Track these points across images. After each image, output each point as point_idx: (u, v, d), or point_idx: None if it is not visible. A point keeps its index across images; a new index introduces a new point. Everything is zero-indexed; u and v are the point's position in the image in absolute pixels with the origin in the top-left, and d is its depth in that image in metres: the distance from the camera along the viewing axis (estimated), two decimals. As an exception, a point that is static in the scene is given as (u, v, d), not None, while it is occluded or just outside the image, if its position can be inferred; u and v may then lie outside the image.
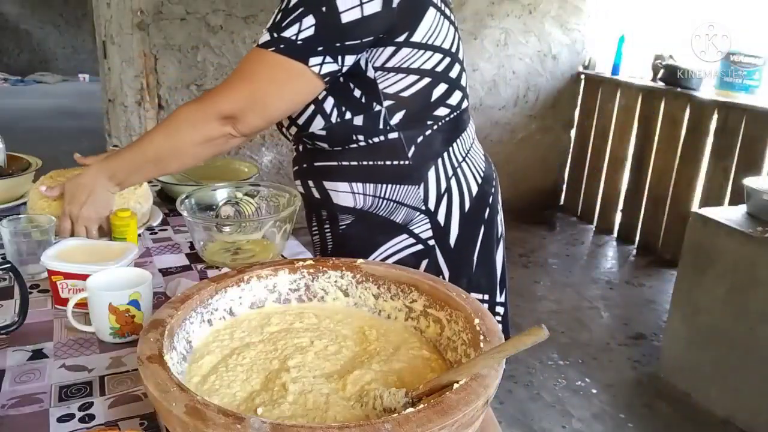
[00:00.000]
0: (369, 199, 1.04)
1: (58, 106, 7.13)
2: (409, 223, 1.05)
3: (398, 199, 1.04)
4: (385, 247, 1.07)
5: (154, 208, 1.34)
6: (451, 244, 1.07)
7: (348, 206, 1.06)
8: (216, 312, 0.78)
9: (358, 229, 1.07)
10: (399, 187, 1.04)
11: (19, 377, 0.78)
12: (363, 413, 0.64)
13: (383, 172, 1.02)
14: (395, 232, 1.06)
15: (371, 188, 1.04)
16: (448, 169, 1.07)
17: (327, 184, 1.06)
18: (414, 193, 1.04)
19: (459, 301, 0.74)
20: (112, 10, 3.02)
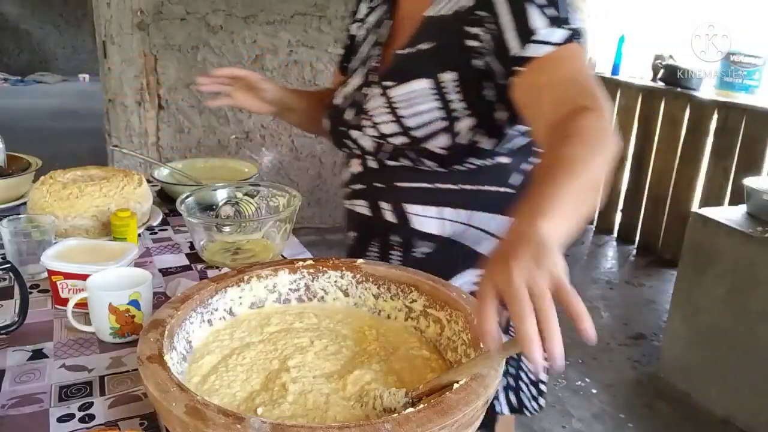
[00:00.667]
0: (458, 227, 0.96)
1: (58, 106, 7.13)
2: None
3: (489, 230, 0.97)
4: (464, 277, 0.98)
5: (154, 208, 1.34)
6: None
7: (431, 233, 0.97)
8: (216, 312, 0.78)
9: (437, 258, 0.98)
10: (494, 216, 0.96)
11: (19, 377, 0.78)
12: (363, 413, 0.64)
13: (482, 199, 0.95)
14: (475, 264, 0.97)
15: (464, 215, 0.96)
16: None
17: (410, 207, 0.97)
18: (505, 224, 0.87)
19: (459, 301, 0.74)
20: (112, 10, 3.02)
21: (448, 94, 0.90)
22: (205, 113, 3.34)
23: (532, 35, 0.81)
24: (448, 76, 0.89)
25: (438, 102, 0.90)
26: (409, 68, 0.93)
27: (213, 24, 3.21)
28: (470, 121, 0.90)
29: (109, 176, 1.27)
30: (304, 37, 3.37)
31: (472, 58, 0.87)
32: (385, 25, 1.03)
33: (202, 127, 3.36)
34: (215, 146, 3.41)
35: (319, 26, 3.37)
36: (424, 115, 0.91)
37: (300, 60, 3.40)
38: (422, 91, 0.90)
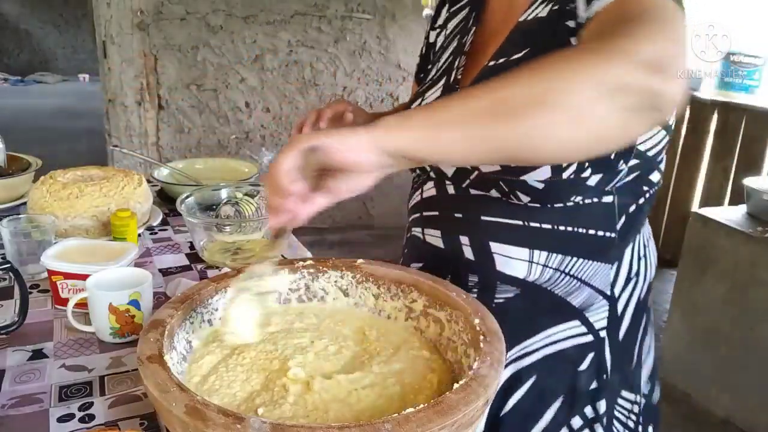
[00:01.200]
0: (548, 272, 0.83)
1: (58, 106, 7.13)
2: (587, 309, 0.85)
3: (585, 278, 0.84)
4: (549, 332, 0.86)
5: (154, 208, 1.34)
6: (620, 336, 0.88)
7: (517, 277, 0.84)
8: (216, 312, 0.78)
9: (521, 306, 0.85)
10: (591, 263, 0.83)
11: (19, 377, 0.78)
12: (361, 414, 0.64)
13: (580, 243, 0.82)
14: (566, 317, 0.86)
15: (557, 260, 0.82)
16: (640, 248, 0.89)
17: (495, 246, 0.83)
18: (604, 273, 0.84)
19: (459, 301, 0.74)
20: (112, 10, 3.02)
21: None
22: (205, 113, 3.35)
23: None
24: None
25: None
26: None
27: (213, 24, 3.21)
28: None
29: (109, 176, 1.27)
30: (304, 37, 3.37)
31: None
32: (469, 31, 0.90)
33: (202, 127, 3.37)
34: (215, 146, 3.41)
35: (319, 26, 3.37)
36: None
37: (300, 60, 3.40)
38: None
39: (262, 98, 3.41)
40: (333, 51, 3.42)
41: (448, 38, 0.95)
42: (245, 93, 3.38)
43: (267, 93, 3.41)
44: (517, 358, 0.87)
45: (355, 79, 3.52)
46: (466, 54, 0.88)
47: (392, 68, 3.56)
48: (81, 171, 1.30)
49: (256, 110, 3.42)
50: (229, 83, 3.33)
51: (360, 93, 3.56)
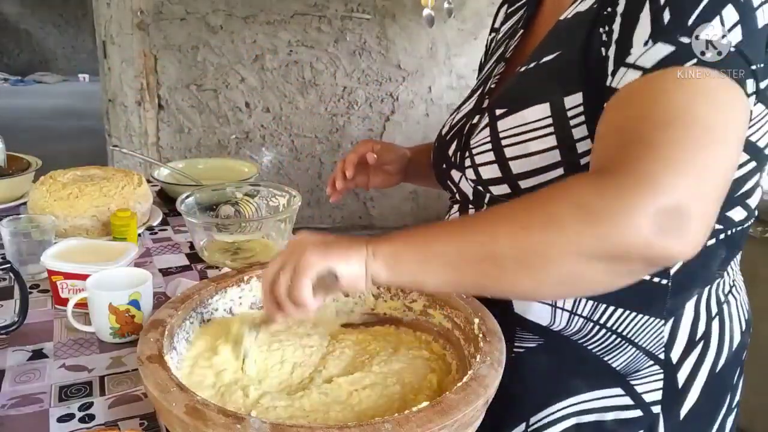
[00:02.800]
0: (578, 321, 0.69)
1: (58, 106, 7.13)
2: (632, 375, 0.70)
3: (626, 334, 0.68)
4: (581, 398, 0.71)
5: (154, 208, 1.34)
6: (681, 415, 0.71)
7: (539, 324, 0.71)
8: (216, 312, 0.78)
9: (545, 360, 0.73)
10: (634, 316, 0.68)
11: (19, 377, 0.78)
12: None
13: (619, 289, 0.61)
14: (603, 382, 0.71)
15: (588, 307, 0.68)
16: (713, 305, 0.72)
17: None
18: (655, 331, 0.69)
19: (459, 301, 0.74)
20: (112, 10, 3.02)
21: (572, 129, 0.63)
22: (205, 113, 3.35)
23: (626, 54, 0.56)
24: (573, 98, 0.63)
25: (556, 139, 0.64)
26: (525, 90, 0.69)
27: (213, 24, 3.21)
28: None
29: (109, 176, 1.27)
30: (304, 37, 3.37)
31: (605, 74, 0.59)
32: (517, 34, 0.80)
33: (202, 127, 3.37)
34: (215, 146, 3.41)
35: (319, 26, 3.37)
36: (536, 157, 0.66)
37: (300, 60, 3.40)
38: (538, 122, 0.66)
39: (262, 98, 3.41)
40: (333, 51, 3.42)
41: (498, 43, 0.86)
42: (245, 93, 3.37)
43: (267, 93, 3.41)
44: (542, 427, 0.73)
45: (355, 79, 3.52)
46: (507, 60, 0.79)
47: (392, 68, 3.55)
48: (81, 171, 1.30)
49: (256, 110, 3.42)
50: (229, 83, 3.33)
51: (360, 93, 3.56)
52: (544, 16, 0.77)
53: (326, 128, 3.57)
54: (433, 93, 3.69)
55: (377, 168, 0.97)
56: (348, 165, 0.94)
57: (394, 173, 0.99)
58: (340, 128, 3.59)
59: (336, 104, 3.54)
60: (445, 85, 3.70)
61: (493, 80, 0.79)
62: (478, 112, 0.77)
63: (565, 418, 0.72)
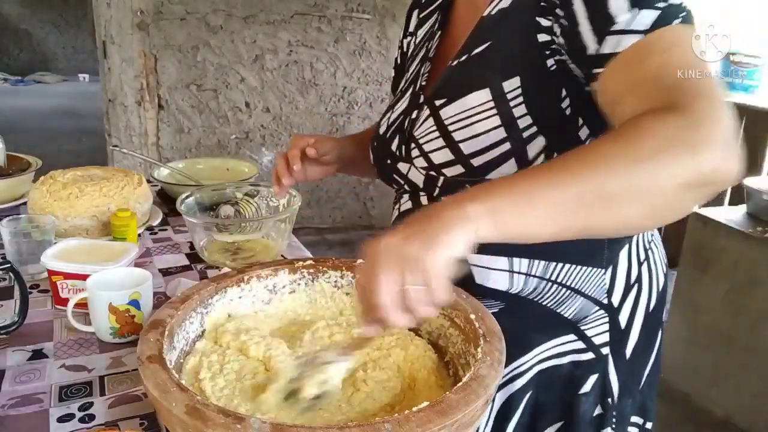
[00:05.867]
0: (533, 281, 0.77)
1: (58, 106, 7.13)
2: (581, 321, 0.79)
3: (574, 286, 0.78)
4: (541, 349, 0.80)
5: (154, 208, 1.34)
6: (627, 353, 0.82)
7: (499, 290, 0.78)
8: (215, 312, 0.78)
9: (507, 322, 0.74)
10: (579, 269, 0.77)
11: (19, 377, 0.78)
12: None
13: (564, 246, 0.70)
14: (558, 331, 0.80)
15: (540, 267, 0.76)
16: (641, 251, 0.82)
17: (473, 257, 0.77)
18: (597, 280, 0.78)
19: (459, 301, 0.74)
20: (112, 10, 3.02)
21: (513, 109, 0.71)
22: (205, 113, 3.35)
23: (611, 24, 0.63)
24: (511, 82, 0.71)
25: (500, 119, 0.72)
26: (462, 80, 0.76)
27: (213, 24, 3.21)
28: (543, 142, 0.72)
29: (109, 176, 1.27)
30: (303, 37, 3.37)
31: (545, 57, 0.70)
32: (435, 36, 0.88)
33: (202, 127, 3.37)
34: (215, 146, 3.41)
35: (319, 26, 3.37)
36: (483, 137, 0.73)
37: (300, 60, 3.40)
38: (480, 106, 0.73)
39: (262, 98, 3.41)
40: (333, 51, 3.42)
41: (418, 46, 0.92)
42: (245, 93, 3.38)
43: (267, 93, 3.41)
44: (509, 381, 0.80)
45: (355, 79, 3.52)
46: (431, 60, 0.86)
47: (392, 68, 3.56)
48: (81, 171, 1.30)
49: (256, 110, 3.42)
50: (229, 83, 3.33)
51: (360, 93, 3.56)
52: (459, 17, 0.85)
53: (326, 128, 3.57)
54: (433, 93, 3.69)
55: (314, 160, 1.01)
56: (293, 160, 0.98)
57: (331, 163, 1.04)
58: (340, 128, 3.59)
59: (336, 104, 3.54)
60: (445, 85, 3.70)
61: (422, 78, 0.85)
62: (416, 108, 0.83)
63: (529, 369, 0.80)
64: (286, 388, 0.63)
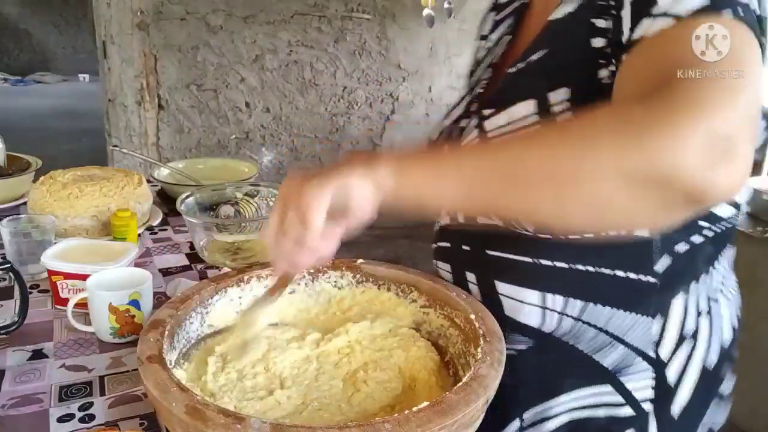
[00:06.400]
0: (567, 322, 0.69)
1: (58, 106, 7.12)
2: (621, 372, 0.70)
3: (615, 333, 0.69)
4: (573, 396, 0.71)
5: (154, 208, 1.34)
6: (674, 412, 0.70)
7: (530, 326, 0.71)
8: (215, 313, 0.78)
9: (536, 361, 0.72)
10: (622, 315, 0.68)
11: (19, 377, 0.78)
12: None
13: (606, 287, 0.67)
14: (594, 379, 0.70)
15: (577, 307, 0.68)
16: (701, 302, 0.71)
17: (503, 286, 0.71)
18: (643, 329, 0.69)
19: (459, 301, 0.74)
20: (112, 10, 3.02)
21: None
22: (205, 113, 3.35)
23: (650, 6, 0.55)
24: (559, 94, 0.63)
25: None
26: (513, 89, 0.70)
27: (213, 24, 3.21)
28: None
29: (109, 176, 1.27)
30: (304, 37, 3.37)
31: (597, 66, 0.61)
32: (503, 41, 0.81)
33: (202, 127, 3.36)
34: (215, 146, 3.41)
35: (319, 26, 3.37)
36: None
37: (300, 60, 3.40)
38: (523, 120, 0.65)
39: (262, 98, 3.41)
40: (333, 51, 3.42)
41: (490, 51, 0.84)
42: (245, 93, 3.37)
43: (267, 93, 3.41)
44: (537, 422, 0.73)
45: (355, 79, 3.52)
46: (494, 66, 0.79)
47: (392, 68, 3.56)
48: (81, 171, 1.30)
49: (256, 110, 3.42)
50: (229, 83, 3.33)
51: (360, 93, 3.56)
52: (531, 22, 0.77)
53: (326, 128, 3.57)
54: (433, 93, 3.69)
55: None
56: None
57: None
58: (340, 128, 3.59)
59: (336, 104, 3.54)
60: (445, 85, 3.70)
61: (480, 86, 0.80)
62: (467, 116, 0.78)
63: (558, 414, 0.72)
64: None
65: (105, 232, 1.19)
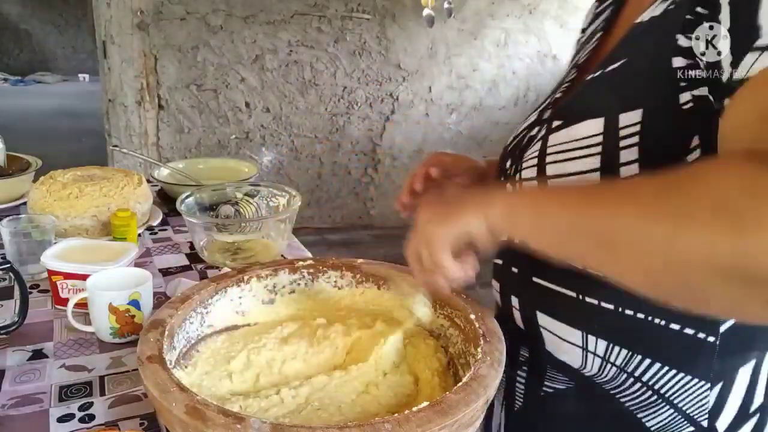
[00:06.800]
0: (610, 370, 0.62)
1: (58, 106, 7.12)
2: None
3: (664, 392, 0.61)
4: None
5: (154, 208, 1.34)
6: None
7: (569, 365, 0.65)
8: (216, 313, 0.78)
9: (573, 407, 0.67)
10: (674, 374, 0.60)
11: (19, 377, 0.78)
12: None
13: (657, 339, 0.59)
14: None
15: (621, 356, 0.61)
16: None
17: (543, 318, 0.66)
18: (697, 395, 0.60)
19: (459, 301, 0.74)
20: (112, 10, 3.02)
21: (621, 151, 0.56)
22: (205, 113, 3.35)
23: (754, 38, 0.47)
24: (629, 116, 0.56)
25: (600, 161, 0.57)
26: (585, 101, 0.63)
27: (213, 24, 3.21)
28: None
29: (109, 176, 1.27)
30: (304, 37, 3.37)
31: (678, 90, 0.53)
32: (594, 37, 0.72)
33: (202, 127, 3.37)
34: (215, 146, 3.41)
35: (319, 26, 3.37)
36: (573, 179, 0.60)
37: (300, 60, 3.40)
38: (587, 139, 0.59)
39: (262, 98, 3.41)
40: (333, 51, 3.42)
41: (582, 47, 0.76)
42: (245, 93, 3.37)
43: (267, 93, 3.41)
44: None
45: (355, 79, 3.52)
46: (579, 67, 0.71)
47: (392, 68, 3.56)
48: (81, 171, 1.30)
49: (256, 110, 3.42)
50: (229, 83, 3.33)
51: (360, 93, 3.56)
52: (625, 18, 0.68)
53: (326, 128, 3.57)
54: (433, 93, 3.69)
55: (447, 181, 0.87)
56: (417, 179, 0.86)
57: (466, 186, 0.88)
58: (340, 128, 3.59)
59: (336, 104, 3.54)
60: (445, 85, 3.70)
61: (560, 89, 0.72)
62: (539, 124, 0.70)
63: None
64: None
65: (105, 232, 1.19)
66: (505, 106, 3.99)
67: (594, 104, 0.60)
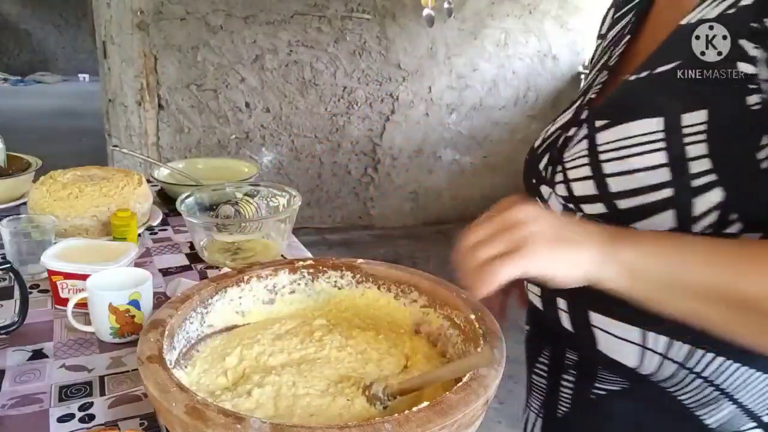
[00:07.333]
0: (670, 367, 0.61)
1: (58, 106, 7.13)
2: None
3: (726, 388, 0.60)
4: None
5: (154, 208, 1.34)
6: None
7: (624, 364, 0.63)
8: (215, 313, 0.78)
9: (627, 409, 0.65)
10: (737, 368, 0.59)
11: (19, 377, 0.78)
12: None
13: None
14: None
15: (683, 352, 0.60)
16: None
17: (597, 318, 0.63)
18: (762, 388, 0.60)
19: (459, 301, 0.74)
20: (112, 10, 3.02)
21: (688, 146, 0.55)
22: (205, 113, 3.35)
23: None
24: (693, 116, 0.55)
25: (667, 156, 0.56)
26: (634, 101, 0.62)
27: (213, 24, 3.21)
28: (720, 197, 0.54)
29: (109, 176, 1.27)
30: (304, 37, 3.37)
31: (746, 92, 0.53)
32: (622, 40, 0.72)
33: (202, 127, 3.37)
34: (215, 146, 3.41)
35: (319, 26, 3.38)
36: (640, 175, 0.58)
37: (300, 60, 3.40)
38: (645, 136, 0.58)
39: (262, 98, 3.41)
40: (333, 51, 3.42)
41: (604, 50, 0.77)
42: (245, 93, 3.38)
43: (267, 93, 3.41)
44: None
45: (355, 79, 3.52)
46: (610, 69, 0.71)
47: (392, 68, 3.56)
48: (81, 171, 1.30)
49: (256, 110, 3.42)
50: (229, 83, 3.33)
51: (360, 93, 3.56)
52: (655, 21, 0.69)
53: (326, 128, 3.57)
54: (433, 93, 3.69)
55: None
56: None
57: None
58: (340, 128, 3.59)
59: (336, 104, 3.54)
60: (445, 85, 3.70)
61: (593, 90, 0.71)
62: (575, 124, 0.68)
63: None
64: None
65: (105, 232, 1.19)
66: (505, 106, 3.99)
67: (645, 104, 0.60)
